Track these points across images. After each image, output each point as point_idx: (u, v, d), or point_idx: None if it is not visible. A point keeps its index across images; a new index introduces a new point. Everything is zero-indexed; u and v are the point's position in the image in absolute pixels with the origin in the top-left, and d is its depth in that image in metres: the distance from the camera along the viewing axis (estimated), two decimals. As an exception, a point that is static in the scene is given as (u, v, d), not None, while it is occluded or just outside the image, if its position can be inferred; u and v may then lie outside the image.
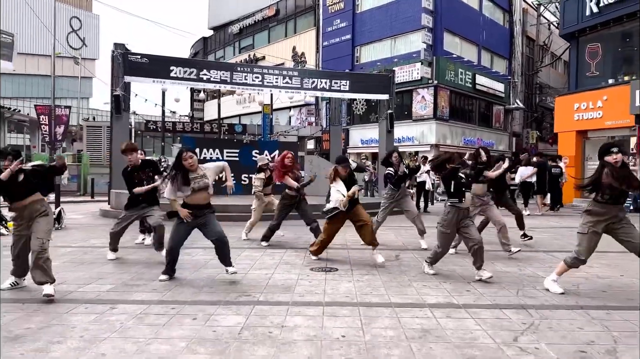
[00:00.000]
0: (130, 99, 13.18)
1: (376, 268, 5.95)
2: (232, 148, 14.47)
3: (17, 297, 4.57)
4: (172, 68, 12.85)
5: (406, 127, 25.56)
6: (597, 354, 3.22)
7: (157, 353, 3.19)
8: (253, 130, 29.71)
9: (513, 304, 4.43)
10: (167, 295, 4.64)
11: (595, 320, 3.96)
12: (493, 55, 30.46)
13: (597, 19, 16.62)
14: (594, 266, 5.83)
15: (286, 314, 4.06)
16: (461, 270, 5.85)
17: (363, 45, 28.97)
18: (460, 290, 4.92)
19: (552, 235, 9.25)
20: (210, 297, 4.60)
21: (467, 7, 27.73)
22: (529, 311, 4.20)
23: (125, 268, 5.90)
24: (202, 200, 5.06)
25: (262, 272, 5.70)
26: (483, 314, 4.11)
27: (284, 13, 35.74)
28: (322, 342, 3.41)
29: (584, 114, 16.94)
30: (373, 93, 15.41)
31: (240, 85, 13.96)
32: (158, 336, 3.50)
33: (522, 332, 3.66)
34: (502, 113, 30.83)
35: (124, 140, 6.60)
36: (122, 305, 4.29)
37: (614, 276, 5.60)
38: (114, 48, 12.45)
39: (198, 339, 3.45)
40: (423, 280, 5.37)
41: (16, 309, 4.15)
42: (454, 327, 3.76)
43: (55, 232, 9.15)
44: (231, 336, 3.51)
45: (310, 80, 14.45)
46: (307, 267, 6.00)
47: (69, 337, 3.48)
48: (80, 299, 4.48)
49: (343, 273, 5.72)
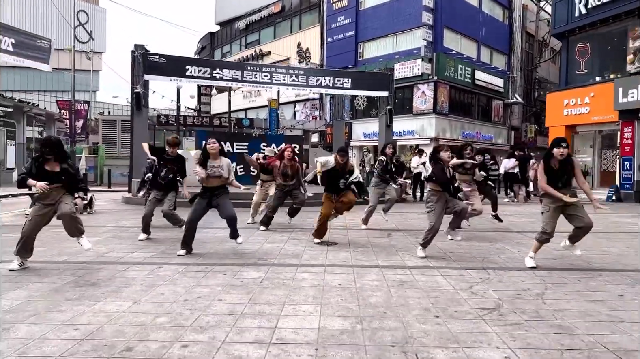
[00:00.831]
0: (149, 96, 14.28)
1: (370, 243, 7.07)
2: (242, 141, 15.59)
3: (78, 260, 5.69)
4: (187, 68, 13.95)
5: (407, 121, 26.58)
6: (529, 296, 4.33)
7: (201, 293, 4.31)
8: (259, 124, 30.79)
9: (477, 267, 5.55)
10: (199, 259, 5.79)
11: (538, 277, 5.06)
12: (492, 51, 31.32)
13: (585, 20, 17.59)
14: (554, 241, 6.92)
15: (295, 271, 5.19)
16: (441, 244, 6.96)
17: (366, 42, 29.91)
18: (436, 257, 6.04)
19: (529, 219, 10.33)
20: (235, 261, 5.74)
21: (467, 4, 28.59)
22: (488, 271, 5.32)
23: (159, 242, 7.04)
24: (216, 182, 6.05)
25: (274, 245, 6.83)
26: (450, 272, 5.22)
27: (289, 9, 36.68)
28: (324, 287, 4.54)
29: (572, 110, 17.95)
30: (374, 90, 16.47)
31: (250, 82, 15.05)
32: (199, 284, 4.63)
33: (477, 284, 4.77)
34: (501, 107, 31.74)
35: (170, 135, 7.62)
36: (166, 266, 5.43)
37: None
38: (135, 49, 13.55)
39: (230, 286, 4.58)
40: (408, 251, 6.48)
41: (83, 268, 5.28)
42: (425, 280, 4.88)
43: (88, 216, 10.37)
44: (255, 284, 4.64)
45: (315, 78, 15.53)
46: (312, 242, 7.12)
47: (132, 284, 4.62)
48: (130, 262, 5.63)
49: (342, 246, 6.85)
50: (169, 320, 3.57)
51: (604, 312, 3.87)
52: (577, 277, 5.06)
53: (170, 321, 3.54)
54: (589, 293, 4.46)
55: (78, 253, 5.96)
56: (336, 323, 3.55)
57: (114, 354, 2.96)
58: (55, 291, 4.32)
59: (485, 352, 3.04)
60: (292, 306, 3.96)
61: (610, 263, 5.81)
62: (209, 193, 6.04)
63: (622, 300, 4.22)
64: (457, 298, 4.23)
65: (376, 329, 3.43)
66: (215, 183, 6.06)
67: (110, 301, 4.05)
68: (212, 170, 5.99)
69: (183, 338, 3.21)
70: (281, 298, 4.17)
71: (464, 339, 3.24)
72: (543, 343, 3.20)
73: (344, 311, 3.83)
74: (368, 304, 4.03)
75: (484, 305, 4.03)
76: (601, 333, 3.38)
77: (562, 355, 3.00)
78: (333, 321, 3.59)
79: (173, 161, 7.34)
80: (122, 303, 3.99)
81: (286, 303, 4.04)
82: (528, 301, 4.15)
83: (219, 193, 6.07)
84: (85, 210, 10.69)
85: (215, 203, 6.07)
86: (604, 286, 4.72)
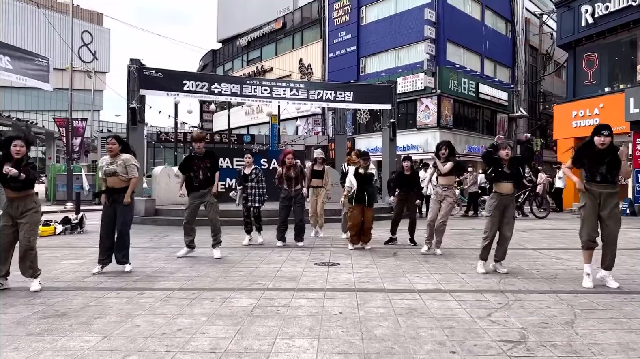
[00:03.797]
0: (145, 111, 13.88)
1: (375, 263, 6.52)
2: (241, 157, 15.11)
3: (53, 286, 5.18)
4: (184, 82, 13.55)
5: (411, 135, 26.14)
6: (557, 325, 3.78)
7: (182, 325, 3.78)
8: (261, 139, 30.42)
9: (494, 289, 4.99)
10: (186, 284, 5.26)
11: (563, 301, 4.50)
12: (496, 64, 31.01)
13: (592, 30, 17.18)
14: (574, 259, 6.37)
15: (292, 297, 4.65)
16: (452, 264, 6.41)
17: (368, 57, 29.66)
18: (448, 279, 5.49)
19: (543, 235, 9.76)
20: (226, 285, 5.20)
21: (469, 17, 28.37)
22: (506, 294, 4.76)
23: (147, 264, 6.51)
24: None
25: (270, 266, 6.29)
26: (465, 297, 4.67)
27: (290, 26, 36.61)
28: (322, 316, 4.00)
29: (581, 121, 17.44)
30: (376, 103, 16.00)
31: (250, 97, 14.63)
32: (182, 314, 4.10)
33: (497, 309, 4.22)
34: (505, 121, 31.30)
35: (197, 132, 7.53)
36: (149, 291, 4.90)
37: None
38: (130, 63, 13.18)
39: (216, 315, 4.05)
40: (417, 271, 5.93)
41: (57, 295, 4.76)
42: (437, 306, 4.33)
43: (78, 235, 9.87)
44: (245, 313, 4.10)
45: (316, 91, 15.10)
46: (312, 262, 6.59)
47: (107, 314, 4.09)
48: (111, 288, 5.11)
49: (344, 266, 6.30)
50: (139, 360, 3.04)
51: (649, 345, 3.32)
52: (608, 302, 4.49)
53: (141, 362, 3.02)
54: (625, 320, 3.90)
55: (55, 278, 5.46)
56: (335, 362, 3.01)
57: (64, 407, 2.43)
58: (17, 324, 3.80)
59: (515, 400, 2.50)
60: (285, 340, 3.42)
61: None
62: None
63: (665, 329, 3.66)
64: (475, 328, 3.68)
65: (383, 370, 2.89)
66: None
67: (77, 335, 3.52)
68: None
69: (152, 385, 2.68)
70: (273, 331, 3.63)
71: (489, 383, 2.70)
72: (584, 387, 2.65)
73: (345, 346, 3.29)
74: (373, 337, 3.48)
75: (507, 337, 3.48)
76: (652, 374, 2.83)
77: (611, 404, 2.45)
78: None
79: (203, 158, 6.95)
80: (90, 337, 3.46)
81: (278, 336, 3.50)
82: (557, 332, 3.60)
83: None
84: (76, 229, 10.21)
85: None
86: (641, 311, 4.16)
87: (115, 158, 5.85)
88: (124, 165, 5.81)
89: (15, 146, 4.80)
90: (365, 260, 6.77)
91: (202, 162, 6.91)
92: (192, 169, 6.90)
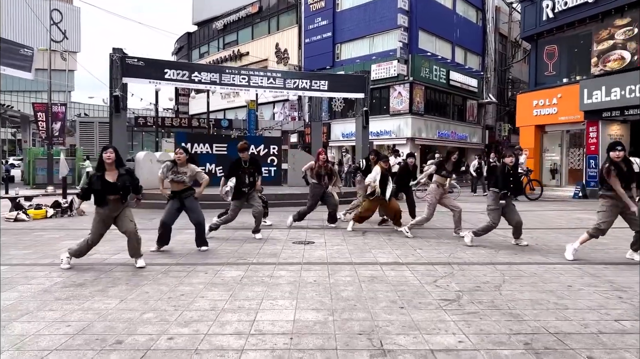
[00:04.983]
0: (127, 98, 14.37)
1: (345, 241, 7.42)
2: (221, 142, 15.78)
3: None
4: (166, 71, 14.08)
5: (384, 121, 27.10)
6: (487, 288, 4.73)
7: (184, 291, 4.60)
8: (238, 124, 30.92)
9: (443, 262, 5.94)
10: (181, 259, 6.06)
11: (498, 271, 5.48)
12: (467, 52, 32.09)
13: (553, 24, 18.27)
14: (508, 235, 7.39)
15: (274, 270, 5.50)
16: (413, 242, 7.36)
17: (343, 43, 30.32)
18: (407, 254, 6.43)
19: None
20: (216, 261, 6.02)
21: (441, 6, 29.25)
22: (453, 265, 5.72)
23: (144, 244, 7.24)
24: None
25: (253, 245, 7.12)
26: (418, 268, 5.61)
27: (267, 10, 36.87)
28: (300, 284, 4.87)
29: (541, 110, 18.63)
30: (350, 92, 16.83)
31: (229, 85, 15.26)
32: (182, 283, 4.91)
33: (442, 277, 5.16)
34: (475, 107, 32.54)
35: (239, 142, 8.14)
36: (150, 266, 5.68)
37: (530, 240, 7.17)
38: (113, 52, 13.63)
39: (211, 284, 4.87)
40: (381, 248, 6.86)
41: (67, 270, 5.50)
42: (394, 275, 5.25)
43: (70, 218, 10.48)
44: (235, 282, 4.94)
45: (292, 80, 15.82)
46: (290, 241, 7.45)
47: (118, 284, 4.87)
48: (115, 263, 5.87)
49: (319, 244, 7.18)
50: (154, 316, 3.85)
51: (552, 301, 4.29)
52: (534, 270, 5.49)
53: (156, 317, 3.83)
54: (542, 284, 4.89)
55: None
56: (310, 315, 3.89)
57: (106, 346, 3.23)
58: (44, 292, 4.55)
59: (442, 337, 3.41)
60: (269, 301, 4.27)
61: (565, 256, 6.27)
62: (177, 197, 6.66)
63: (570, 290, 4.66)
64: (422, 291, 4.61)
65: (346, 319, 3.77)
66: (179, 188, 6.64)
67: (98, 299, 4.30)
68: (177, 176, 6.56)
69: (169, 331, 3.50)
70: (260, 294, 4.48)
71: (425, 327, 3.61)
72: (494, 328, 3.58)
73: (317, 304, 4.17)
74: (340, 298, 4.37)
75: (446, 297, 4.41)
76: (546, 319, 3.79)
77: (510, 339, 3.38)
78: (307, 313, 3.92)
79: (249, 167, 7.68)
80: (110, 301, 4.25)
81: (264, 298, 4.36)
82: (486, 293, 4.55)
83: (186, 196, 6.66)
84: (66, 212, 10.80)
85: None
86: (557, 277, 5.16)
87: (183, 167, 6.58)
88: (192, 175, 6.61)
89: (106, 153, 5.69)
90: (337, 239, 7.66)
91: (247, 169, 7.65)
92: (237, 174, 7.59)
